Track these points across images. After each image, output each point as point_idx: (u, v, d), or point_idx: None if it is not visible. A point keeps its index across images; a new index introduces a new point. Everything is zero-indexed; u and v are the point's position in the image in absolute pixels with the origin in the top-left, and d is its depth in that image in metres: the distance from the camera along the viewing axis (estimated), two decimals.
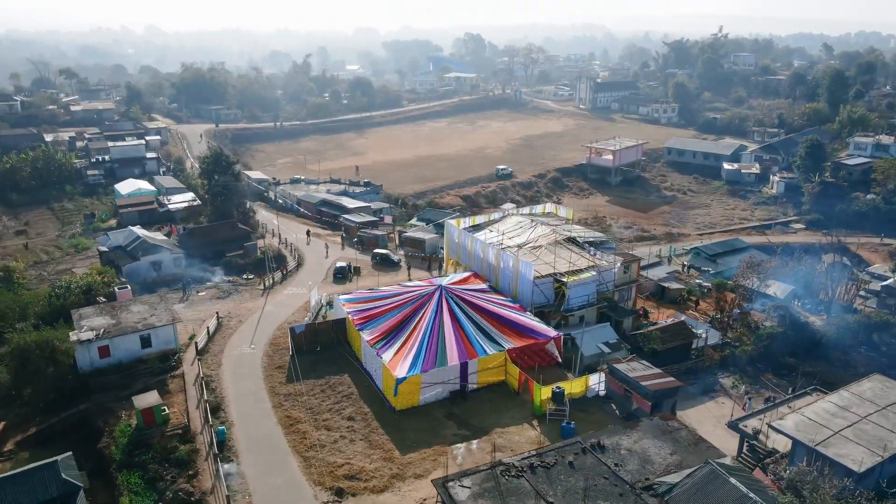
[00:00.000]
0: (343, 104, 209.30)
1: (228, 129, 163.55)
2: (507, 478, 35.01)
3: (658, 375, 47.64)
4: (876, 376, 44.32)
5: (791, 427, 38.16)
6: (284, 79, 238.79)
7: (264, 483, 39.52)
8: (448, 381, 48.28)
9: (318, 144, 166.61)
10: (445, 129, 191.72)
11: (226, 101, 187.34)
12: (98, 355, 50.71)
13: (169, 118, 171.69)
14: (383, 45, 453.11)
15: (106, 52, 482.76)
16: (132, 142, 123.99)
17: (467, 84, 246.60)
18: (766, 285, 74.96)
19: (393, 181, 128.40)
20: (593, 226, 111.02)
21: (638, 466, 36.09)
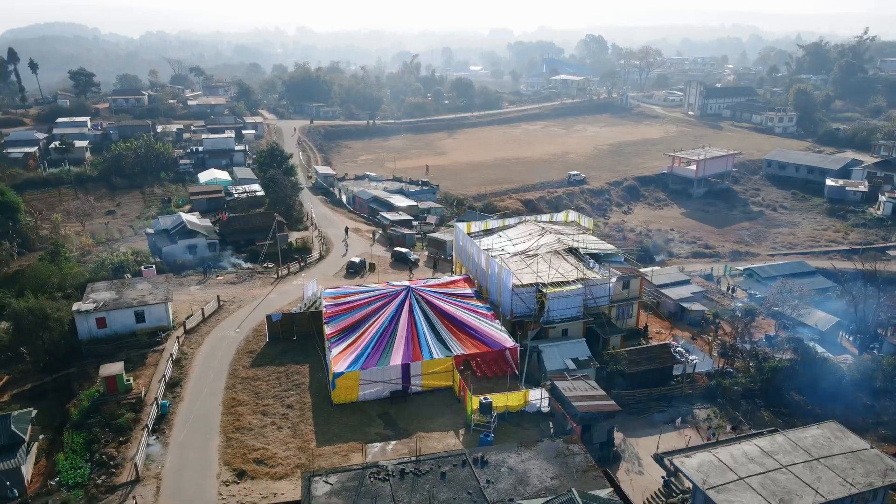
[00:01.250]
0: (444, 104, 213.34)
1: (322, 126, 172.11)
2: (372, 480, 35.33)
3: (597, 398, 45.35)
4: (831, 424, 39.55)
5: (692, 467, 35.19)
6: (393, 79, 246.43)
7: (180, 456, 42.46)
8: (389, 381, 48.91)
9: (405, 143, 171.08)
10: (538, 132, 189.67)
11: (329, 99, 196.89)
12: (96, 326, 56.45)
13: (273, 114, 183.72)
14: (508, 46, 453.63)
15: (257, 51, 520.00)
16: (223, 135, 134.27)
17: (573, 87, 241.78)
18: (802, 314, 68.49)
19: (461, 182, 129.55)
20: (652, 237, 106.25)
21: (510, 486, 34.98)
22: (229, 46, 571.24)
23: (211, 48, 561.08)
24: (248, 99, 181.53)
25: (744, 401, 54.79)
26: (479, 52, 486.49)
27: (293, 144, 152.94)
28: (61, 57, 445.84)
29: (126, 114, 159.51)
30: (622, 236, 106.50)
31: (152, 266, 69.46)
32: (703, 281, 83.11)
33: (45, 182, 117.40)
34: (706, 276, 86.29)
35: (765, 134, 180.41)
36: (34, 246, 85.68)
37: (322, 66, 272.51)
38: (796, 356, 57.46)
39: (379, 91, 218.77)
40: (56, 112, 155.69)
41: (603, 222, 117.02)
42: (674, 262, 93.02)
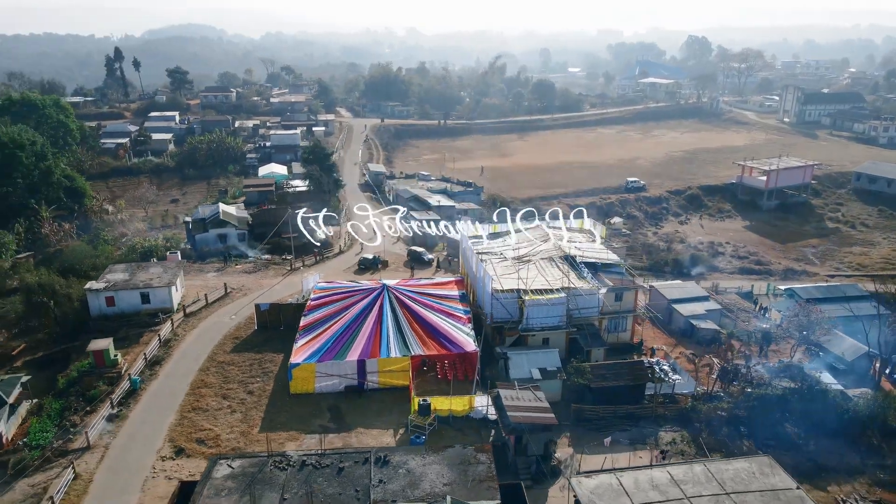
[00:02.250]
0: (523, 106, 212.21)
1: (392, 124, 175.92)
2: (272, 468, 36.55)
3: (537, 409, 44.19)
4: (763, 458, 36.54)
5: (588, 488, 33.76)
6: (477, 79, 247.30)
7: (132, 430, 45.60)
8: (345, 376, 50.00)
9: (473, 144, 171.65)
10: (613, 136, 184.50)
11: (407, 98, 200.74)
12: (105, 304, 61.39)
13: (350, 112, 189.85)
14: (608, 48, 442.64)
15: (365, 51, 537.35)
16: (289, 131, 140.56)
17: (661, 90, 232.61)
18: (829, 341, 63.23)
19: (516, 184, 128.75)
20: (702, 250, 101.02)
21: (399, 488, 35.07)
22: (339, 46, 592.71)
23: (322, 48, 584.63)
24: (326, 97, 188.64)
25: (727, 427, 51.49)
26: (579, 54, 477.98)
27: (359, 142, 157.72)
28: (186, 56, 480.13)
29: (213, 109, 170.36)
30: (666, 247, 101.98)
31: (177, 252, 74.42)
32: (737, 299, 78.34)
33: (128, 170, 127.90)
34: (744, 294, 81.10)
35: (866, 144, 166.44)
36: (93, 227, 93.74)
37: (412, 67, 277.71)
38: (795, 385, 53.12)
39: (459, 92, 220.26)
40: (152, 107, 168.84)
41: (652, 232, 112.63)
42: (716, 277, 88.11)
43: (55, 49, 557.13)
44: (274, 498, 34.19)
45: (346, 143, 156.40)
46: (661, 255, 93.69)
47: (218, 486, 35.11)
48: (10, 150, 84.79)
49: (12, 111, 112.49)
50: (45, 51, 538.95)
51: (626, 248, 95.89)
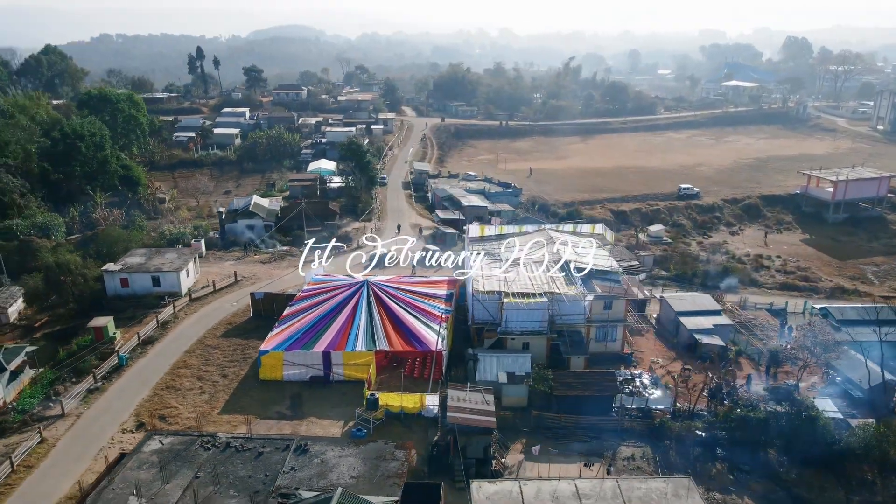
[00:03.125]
0: (594, 108, 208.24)
1: (453, 124, 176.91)
2: (198, 447, 38.32)
3: (479, 412, 43.72)
4: (683, 480, 34.57)
5: (485, 493, 33.22)
6: (550, 80, 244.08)
7: (107, 402, 48.81)
8: (311, 366, 51.29)
9: (532, 145, 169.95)
10: (681, 141, 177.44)
11: (473, 98, 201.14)
12: (120, 285, 65.86)
13: (415, 111, 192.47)
14: (700, 49, 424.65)
15: (455, 52, 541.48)
16: (343, 128, 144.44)
17: (745, 94, 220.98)
18: (839, 363, 58.86)
19: (564, 187, 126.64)
20: (744, 263, 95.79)
21: (308, 476, 35.89)
22: (431, 47, 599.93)
23: (413, 48, 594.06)
24: (392, 96, 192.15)
25: (700, 448, 48.98)
26: (675, 56, 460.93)
27: (416, 140, 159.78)
28: (284, 55, 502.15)
29: (282, 106, 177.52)
30: (706, 257, 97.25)
31: (201, 240, 78.60)
32: (765, 316, 73.92)
33: (194, 163, 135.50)
34: (775, 311, 76.38)
35: None
36: (149, 215, 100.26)
37: (489, 67, 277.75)
38: (782, 408, 49.74)
39: (531, 93, 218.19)
40: (227, 103, 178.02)
41: (697, 241, 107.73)
42: (751, 292, 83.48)
43: (169, 49, 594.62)
44: (188, 475, 35.85)
45: (404, 142, 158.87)
46: (695, 265, 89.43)
47: (143, 459, 37.20)
48: (71, 141, 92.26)
49: (90, 105, 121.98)
50: (161, 51, 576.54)
51: (657, 256, 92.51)
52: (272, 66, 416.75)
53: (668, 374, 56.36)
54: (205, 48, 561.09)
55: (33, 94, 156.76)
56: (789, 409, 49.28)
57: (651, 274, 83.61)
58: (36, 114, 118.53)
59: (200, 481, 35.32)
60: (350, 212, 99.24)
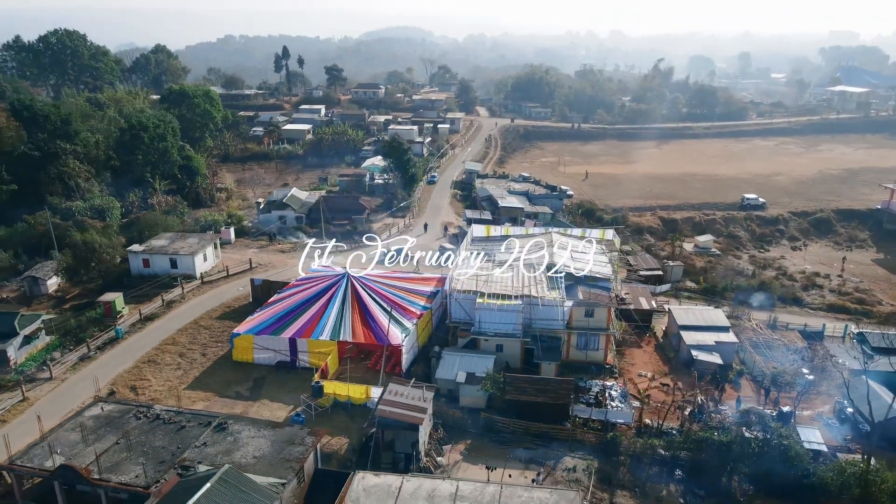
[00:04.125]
0: (681, 112, 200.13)
1: (522, 125, 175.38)
2: (130, 416, 41.01)
3: (410, 408, 43.75)
4: (570, 494, 33.06)
5: (364, 485, 33.42)
6: (639, 82, 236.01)
7: (91, 370, 52.96)
8: (279, 351, 53.25)
9: (602, 149, 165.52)
10: (767, 148, 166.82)
11: (551, 100, 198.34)
12: (142, 265, 71.04)
13: (488, 112, 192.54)
14: (820, 51, 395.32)
15: (558, 54, 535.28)
16: (405, 127, 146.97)
17: (852, 100, 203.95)
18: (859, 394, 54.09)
19: (619, 192, 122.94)
20: (795, 280, 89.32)
21: (215, 452, 37.53)
22: (536, 49, 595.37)
23: (516, 50, 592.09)
24: (466, 96, 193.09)
25: (656, 467, 46.62)
26: (790, 58, 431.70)
27: (481, 140, 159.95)
28: (388, 56, 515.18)
29: (358, 105, 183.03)
30: (752, 271, 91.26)
31: (230, 228, 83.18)
32: (795, 337, 68.84)
33: (264, 156, 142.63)
34: (811, 333, 70.85)
35: None
36: (205, 203, 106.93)
37: (579, 69, 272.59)
38: (752, 434, 46.32)
39: (611, 96, 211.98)
40: (307, 100, 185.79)
41: (750, 254, 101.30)
42: (790, 312, 77.84)
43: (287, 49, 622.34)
44: (111, 440, 38.51)
45: (469, 142, 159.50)
46: (732, 278, 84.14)
47: (79, 423, 40.33)
48: (136, 132, 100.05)
49: (170, 99, 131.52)
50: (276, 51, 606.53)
51: (696, 268, 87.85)
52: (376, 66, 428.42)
53: (649, 389, 53.78)
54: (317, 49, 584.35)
55: (133, 89, 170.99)
56: (759, 436, 45.81)
57: (676, 285, 79.60)
58: (125, 107, 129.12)
59: (118, 447, 37.88)
60: (387, 208, 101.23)
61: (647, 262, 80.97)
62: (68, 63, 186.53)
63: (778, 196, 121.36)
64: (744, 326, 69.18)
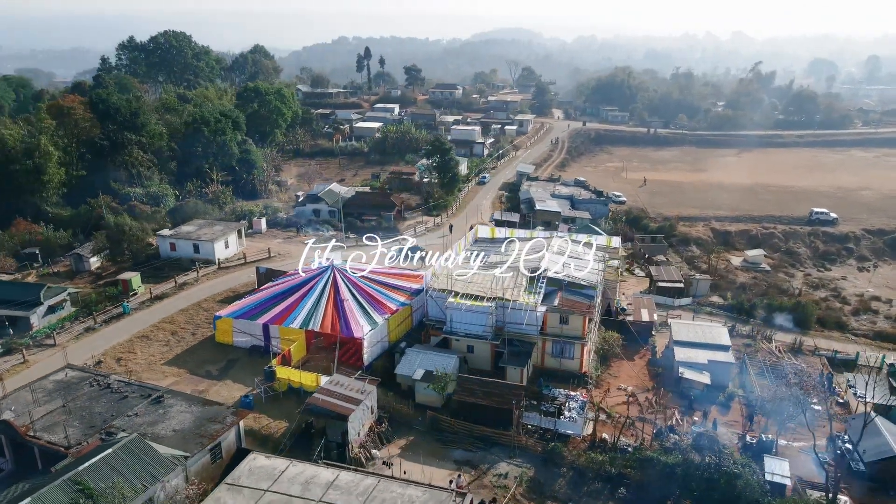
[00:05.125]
0: (776, 119, 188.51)
1: (594, 129, 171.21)
2: (86, 383, 44.57)
3: (344, 398, 44.55)
4: (441, 494, 32.66)
5: (253, 465, 34.70)
6: (736, 87, 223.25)
7: (93, 340, 57.76)
8: (254, 336, 55.71)
9: (675, 155, 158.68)
10: (864, 160, 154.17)
11: (632, 103, 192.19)
12: (170, 248, 76.32)
13: (563, 114, 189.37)
14: None
15: (669, 56, 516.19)
16: (468, 127, 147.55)
17: None
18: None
19: (678, 201, 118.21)
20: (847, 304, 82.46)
21: (141, 422, 40.11)
22: (646, 50, 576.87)
23: (625, 52, 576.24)
24: (542, 98, 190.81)
25: (599, 483, 44.93)
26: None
27: (547, 142, 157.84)
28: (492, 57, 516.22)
29: (434, 105, 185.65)
30: (798, 290, 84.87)
31: (263, 218, 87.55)
32: (815, 362, 64.00)
33: (330, 152, 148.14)
34: (842, 360, 65.54)
35: None
36: (259, 195, 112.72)
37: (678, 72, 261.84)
38: (705, 458, 43.53)
39: (699, 101, 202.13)
40: (385, 99, 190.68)
41: (806, 272, 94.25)
42: (826, 336, 72.16)
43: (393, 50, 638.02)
44: (58, 402, 42.13)
45: (535, 143, 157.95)
46: (770, 296, 78.60)
47: (41, 385, 44.42)
48: (197, 125, 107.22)
49: (245, 96, 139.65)
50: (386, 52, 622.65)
51: (742, 284, 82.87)
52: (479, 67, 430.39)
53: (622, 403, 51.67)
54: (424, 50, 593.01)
55: (223, 86, 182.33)
56: (710, 461, 42.97)
57: (699, 299, 75.39)
58: (207, 103, 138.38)
59: (62, 410, 41.38)
60: (427, 206, 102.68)
61: (669, 273, 77.19)
62: (173, 62, 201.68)
63: (856, 212, 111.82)
64: (758, 347, 64.78)
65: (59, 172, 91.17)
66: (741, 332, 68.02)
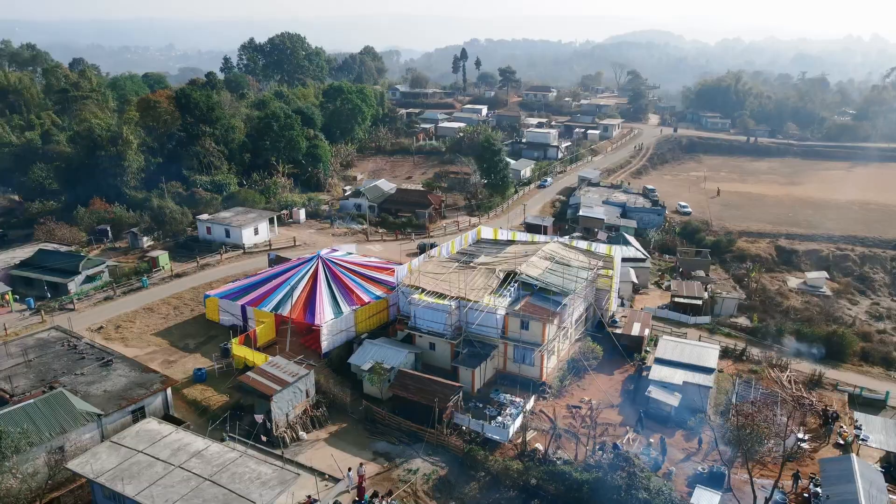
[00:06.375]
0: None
1: (687, 136, 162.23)
2: (59, 344, 49.94)
3: (274, 380, 46.59)
4: (287, 474, 33.50)
5: (141, 427, 37.71)
6: (868, 94, 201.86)
7: (107, 308, 64.07)
8: (234, 315, 59.33)
9: (771, 166, 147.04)
10: None
11: (740, 109, 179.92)
12: (206, 231, 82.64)
13: (659, 119, 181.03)
14: None
15: (820, 60, 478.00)
16: (543, 130, 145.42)
17: None
18: None
19: (746, 214, 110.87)
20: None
21: (84, 381, 44.47)
22: (795, 54, 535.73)
23: (771, 56, 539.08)
24: (637, 103, 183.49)
25: (513, 491, 43.96)
26: None
27: (630, 148, 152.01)
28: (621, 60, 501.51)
29: (526, 107, 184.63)
30: (852, 320, 76.51)
31: (302, 209, 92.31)
32: (835, 400, 58.32)
33: (407, 150, 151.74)
34: (861, 399, 59.20)
35: None
36: (322, 187, 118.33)
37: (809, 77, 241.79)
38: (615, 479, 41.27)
39: (824, 109, 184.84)
40: (478, 101, 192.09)
41: (872, 301, 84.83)
42: (860, 370, 65.25)
43: (524, 52, 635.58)
44: (24, 357, 47.57)
45: (617, 149, 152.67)
46: (814, 321, 71.67)
47: (23, 342, 50.29)
48: (267, 121, 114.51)
49: (328, 94, 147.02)
50: (514, 53, 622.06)
51: (788, 308, 76.46)
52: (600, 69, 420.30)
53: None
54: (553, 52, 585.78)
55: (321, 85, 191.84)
56: (620, 482, 40.71)
57: (719, 319, 70.21)
58: (292, 100, 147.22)
59: (25, 364, 46.75)
60: (469, 207, 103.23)
61: (690, 289, 72.40)
62: (286, 62, 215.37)
63: None
64: (763, 374, 59.44)
65: (137, 159, 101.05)
66: (753, 358, 62.72)
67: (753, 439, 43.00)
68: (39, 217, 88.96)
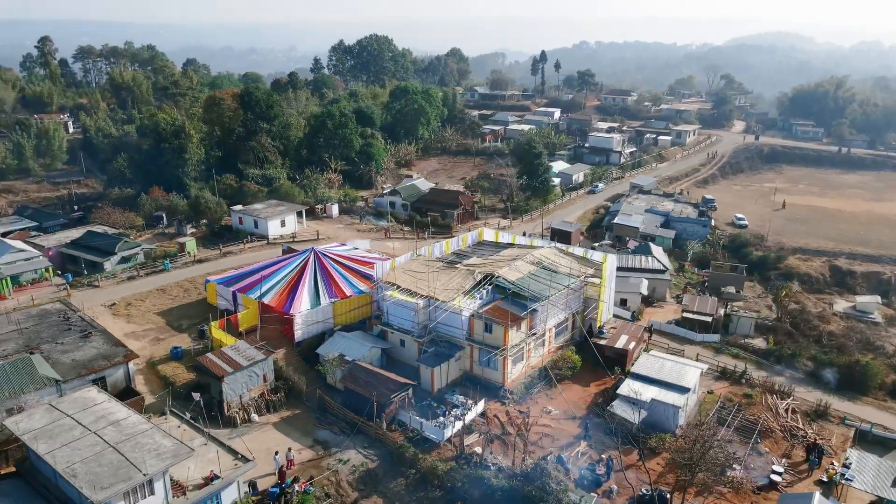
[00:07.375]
0: None
1: (769, 144, 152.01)
2: (56, 315, 54.86)
3: (230, 363, 48.89)
4: (183, 448, 35.25)
5: (65, 400, 41.03)
6: None
7: (127, 286, 69.22)
8: (228, 300, 62.55)
9: (862, 180, 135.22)
10: None
11: (836, 117, 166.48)
12: (239, 222, 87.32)
13: (744, 127, 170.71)
14: None
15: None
16: (606, 135, 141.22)
17: None
18: None
19: (809, 230, 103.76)
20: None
21: (62, 349, 48.78)
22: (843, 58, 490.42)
23: None
24: (720, 109, 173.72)
25: (439, 491, 43.89)
26: None
27: (702, 156, 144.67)
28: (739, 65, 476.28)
29: (604, 111, 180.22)
30: (892, 351, 69.37)
31: (335, 203, 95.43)
32: (844, 438, 53.96)
33: (467, 150, 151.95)
34: (871, 435, 54.29)
35: None
36: (373, 185, 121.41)
37: None
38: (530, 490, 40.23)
39: None
40: (551, 104, 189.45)
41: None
42: (884, 406, 59.68)
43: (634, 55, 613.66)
44: (20, 325, 52.62)
45: (688, 156, 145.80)
46: (838, 348, 65.75)
47: (29, 312, 55.66)
48: (321, 119, 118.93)
49: (395, 95, 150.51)
50: (623, 56, 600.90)
51: (822, 332, 70.73)
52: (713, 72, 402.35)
53: None
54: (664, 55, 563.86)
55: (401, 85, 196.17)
56: (534, 493, 39.70)
57: (730, 338, 65.89)
58: (362, 98, 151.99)
59: (16, 330, 51.73)
60: (504, 209, 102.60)
61: (703, 304, 68.37)
62: (372, 63, 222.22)
63: None
64: (756, 400, 55.38)
65: (198, 152, 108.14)
66: (754, 382, 58.49)
67: (696, 464, 40.55)
68: (111, 202, 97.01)
